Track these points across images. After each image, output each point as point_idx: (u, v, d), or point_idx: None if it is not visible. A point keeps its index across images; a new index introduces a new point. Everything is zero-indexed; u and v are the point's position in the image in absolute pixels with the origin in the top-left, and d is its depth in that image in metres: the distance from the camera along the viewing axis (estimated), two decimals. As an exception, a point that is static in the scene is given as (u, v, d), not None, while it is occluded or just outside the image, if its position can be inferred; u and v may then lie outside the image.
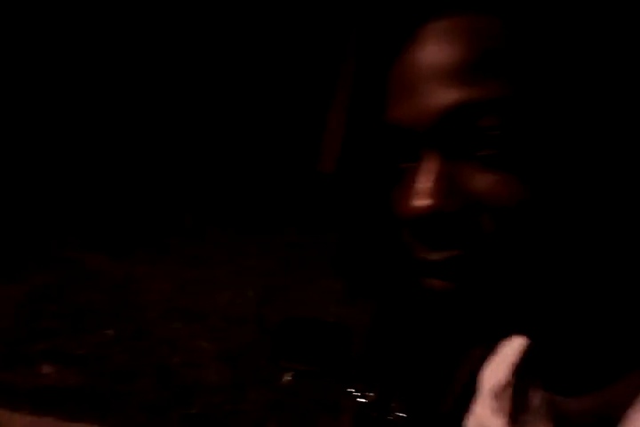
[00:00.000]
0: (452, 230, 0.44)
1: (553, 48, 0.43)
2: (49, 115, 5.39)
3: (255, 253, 4.38)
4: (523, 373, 0.59)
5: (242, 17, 5.34)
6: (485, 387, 0.65)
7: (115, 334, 3.27)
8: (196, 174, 5.38)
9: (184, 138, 5.60)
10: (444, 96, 0.44)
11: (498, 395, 0.61)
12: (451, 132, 0.44)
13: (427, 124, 0.45)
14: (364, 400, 1.50)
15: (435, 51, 0.45)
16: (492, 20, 0.44)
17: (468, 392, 0.68)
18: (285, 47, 5.32)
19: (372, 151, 0.50)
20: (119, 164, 5.34)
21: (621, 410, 0.45)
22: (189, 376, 2.98)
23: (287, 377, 1.54)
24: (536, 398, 0.55)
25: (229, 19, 5.35)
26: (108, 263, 4.09)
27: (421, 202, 0.44)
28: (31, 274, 3.79)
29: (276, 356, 1.54)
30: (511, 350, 0.62)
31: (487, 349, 0.67)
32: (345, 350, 1.51)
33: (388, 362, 1.58)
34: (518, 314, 0.46)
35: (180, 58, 5.50)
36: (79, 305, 3.53)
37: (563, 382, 0.51)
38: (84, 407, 2.71)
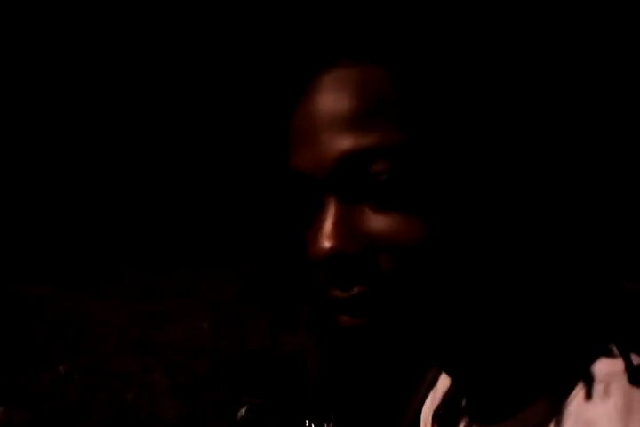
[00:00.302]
0: (355, 270, 0.48)
1: (436, 98, 0.47)
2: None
3: (209, 285, 4.36)
4: (451, 403, 0.64)
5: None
6: (423, 418, 0.69)
7: (66, 369, 3.21)
8: (147, 206, 5.35)
9: (136, 170, 5.57)
10: (339, 144, 0.47)
11: (431, 424, 0.66)
12: (346, 177, 0.47)
13: (324, 171, 0.48)
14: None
15: (328, 101, 0.48)
16: (380, 70, 0.48)
17: (415, 424, 0.72)
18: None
19: (281, 197, 0.54)
20: (70, 195, 5.28)
21: None
22: (144, 411, 2.94)
23: (243, 411, 1.55)
24: None
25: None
26: (58, 297, 4.03)
27: (322, 245, 0.47)
28: (-23, 309, 3.71)
29: (231, 390, 1.55)
30: (446, 380, 0.66)
31: (430, 383, 0.71)
32: (299, 382, 1.54)
33: (343, 393, 1.61)
34: (426, 348, 0.50)
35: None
36: (29, 340, 3.46)
37: (481, 411, 0.55)
38: (34, 447, 2.65)
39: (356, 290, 0.48)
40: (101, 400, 2.98)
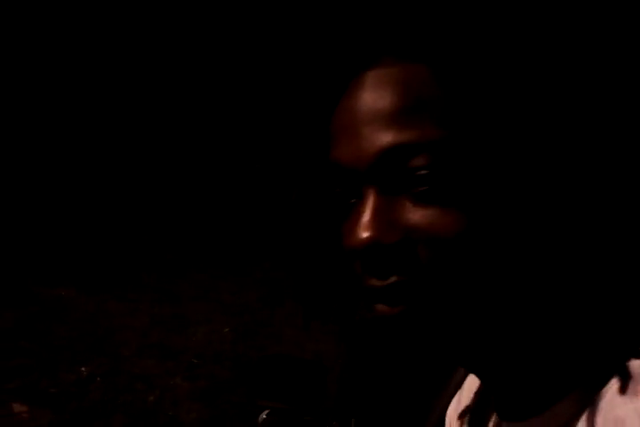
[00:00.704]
0: (393, 260, 0.48)
1: (476, 96, 0.48)
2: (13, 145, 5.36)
3: (231, 290, 4.38)
4: (479, 402, 0.64)
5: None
6: (448, 420, 0.70)
7: (89, 371, 3.24)
8: (170, 210, 5.39)
9: (160, 177, 5.61)
10: (379, 139, 0.49)
11: (458, 423, 0.66)
12: (386, 171, 0.49)
13: (365, 164, 0.49)
14: (339, 438, 1.52)
15: (371, 98, 0.50)
16: (422, 69, 0.49)
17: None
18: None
19: (321, 188, 0.55)
20: (93, 200, 5.33)
21: None
22: (165, 414, 2.96)
23: (263, 415, 1.55)
24: (490, 425, 0.59)
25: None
26: (81, 299, 4.07)
27: (361, 235, 0.48)
28: (2, 310, 3.74)
29: (252, 394, 1.56)
30: (474, 381, 0.66)
31: (456, 386, 0.72)
32: (320, 388, 1.54)
33: (364, 399, 1.61)
34: (458, 341, 0.50)
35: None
36: (52, 342, 3.49)
37: (510, 408, 0.55)
38: (56, 447, 2.68)
39: (392, 279, 0.49)
40: (123, 402, 3.01)
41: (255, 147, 5.56)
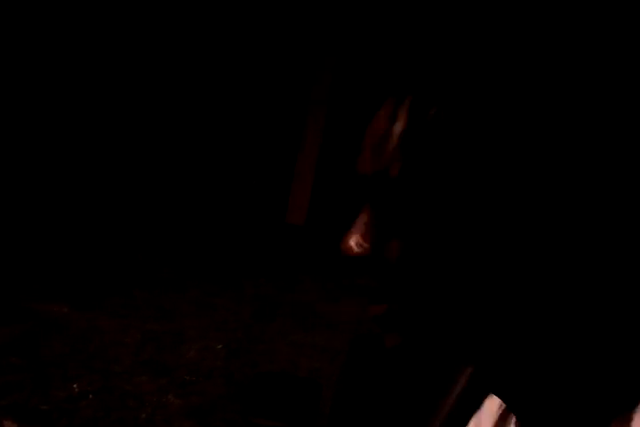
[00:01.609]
0: None
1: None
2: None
3: (224, 306, 4.37)
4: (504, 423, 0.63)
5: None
6: None
7: (80, 388, 3.22)
8: (164, 226, 5.39)
9: (153, 192, 5.61)
10: None
11: None
12: None
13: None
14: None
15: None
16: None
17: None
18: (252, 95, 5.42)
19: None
20: (85, 217, 5.32)
21: None
22: (157, 432, 2.94)
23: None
24: None
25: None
26: (73, 316, 4.04)
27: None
28: (-6, 326, 3.73)
29: (246, 412, 1.55)
30: (494, 403, 0.65)
31: (474, 404, 0.71)
32: (315, 406, 1.54)
33: (358, 417, 1.60)
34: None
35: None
36: (43, 358, 3.47)
37: None
38: (47, 465, 2.65)
39: None
40: (115, 419, 2.98)
41: (251, 162, 5.58)
